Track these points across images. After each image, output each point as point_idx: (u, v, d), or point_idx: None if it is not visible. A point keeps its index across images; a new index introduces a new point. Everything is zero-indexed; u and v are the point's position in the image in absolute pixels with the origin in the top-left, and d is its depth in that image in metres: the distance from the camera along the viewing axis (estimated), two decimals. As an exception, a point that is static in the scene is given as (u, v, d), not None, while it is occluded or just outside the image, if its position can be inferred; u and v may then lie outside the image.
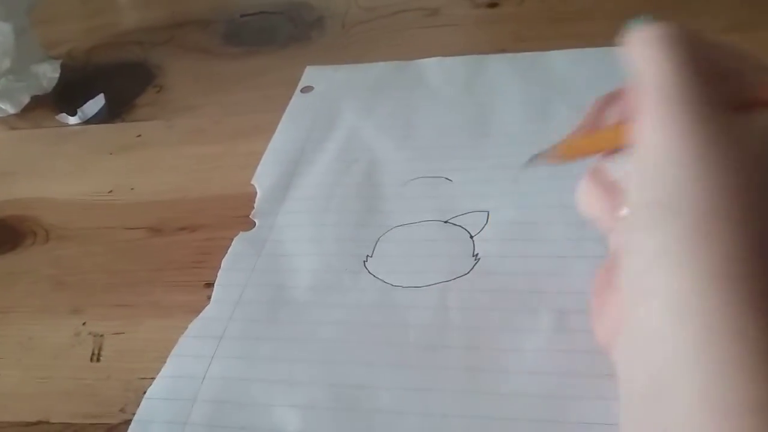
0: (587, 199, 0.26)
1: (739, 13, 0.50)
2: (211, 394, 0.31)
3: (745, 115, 0.20)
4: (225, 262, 0.37)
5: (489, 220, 0.37)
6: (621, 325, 0.21)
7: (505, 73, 0.47)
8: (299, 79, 0.52)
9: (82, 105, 0.53)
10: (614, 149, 0.24)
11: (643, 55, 0.22)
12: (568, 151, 0.26)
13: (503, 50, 0.50)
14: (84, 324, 0.36)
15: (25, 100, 0.53)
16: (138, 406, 0.31)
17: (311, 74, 0.52)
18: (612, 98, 0.25)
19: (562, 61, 0.48)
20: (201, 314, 0.35)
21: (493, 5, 0.57)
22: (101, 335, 0.35)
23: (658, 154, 0.20)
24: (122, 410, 0.31)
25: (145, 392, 0.32)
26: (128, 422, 0.30)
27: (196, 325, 0.34)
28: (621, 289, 0.21)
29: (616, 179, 0.24)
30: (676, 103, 0.20)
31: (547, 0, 0.56)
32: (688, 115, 0.20)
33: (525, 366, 0.30)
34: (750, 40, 0.47)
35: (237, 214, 0.41)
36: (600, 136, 0.25)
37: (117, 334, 0.35)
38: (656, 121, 0.21)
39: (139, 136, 0.50)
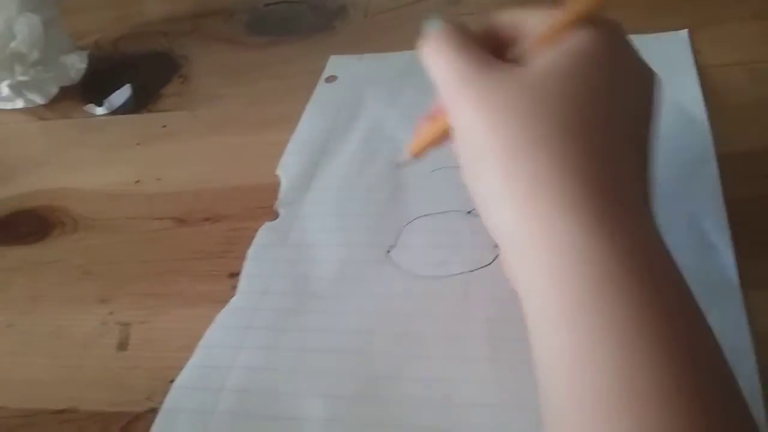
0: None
1: (761, 2, 0.49)
2: (238, 384, 0.31)
3: (524, 63, 0.26)
4: (250, 253, 0.38)
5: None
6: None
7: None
8: (323, 69, 0.52)
9: (109, 95, 0.54)
10: (444, 135, 0.30)
11: (427, 55, 0.28)
12: (416, 150, 0.32)
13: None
14: (111, 313, 0.37)
15: (54, 90, 0.54)
16: (163, 394, 0.32)
17: (335, 63, 0.52)
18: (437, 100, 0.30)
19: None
20: (228, 305, 0.35)
21: (516, -8, 0.57)
22: (128, 324, 0.36)
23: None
24: (148, 398, 0.32)
25: (172, 381, 0.32)
26: (154, 410, 0.31)
27: (223, 316, 0.35)
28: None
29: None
30: (452, 81, 0.27)
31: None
32: (458, 83, 0.27)
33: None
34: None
35: (262, 204, 0.41)
36: (429, 130, 0.31)
37: (143, 323, 0.36)
38: (445, 97, 0.27)
39: (165, 126, 0.50)
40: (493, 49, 0.28)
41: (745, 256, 0.32)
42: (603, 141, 0.24)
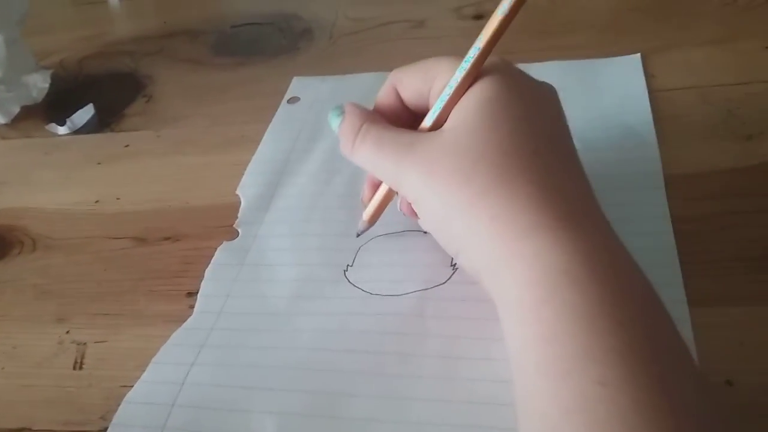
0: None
1: (713, 29, 0.51)
2: (189, 400, 0.31)
3: (436, 130, 0.31)
4: (208, 272, 0.38)
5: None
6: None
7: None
8: (287, 90, 0.52)
9: (71, 115, 0.54)
10: (390, 196, 0.35)
11: (350, 153, 0.33)
12: (372, 218, 0.36)
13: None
14: (68, 332, 0.37)
15: (16, 110, 0.54)
16: (118, 413, 0.32)
17: (298, 85, 0.53)
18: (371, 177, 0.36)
19: (546, 72, 0.48)
20: (184, 324, 0.35)
21: (478, 17, 0.58)
22: (84, 343, 0.36)
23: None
24: (102, 418, 0.32)
25: (125, 400, 0.32)
26: (107, 430, 0.31)
27: (178, 334, 0.35)
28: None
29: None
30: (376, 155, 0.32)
31: (533, 13, 0.57)
32: (383, 156, 0.32)
33: (498, 375, 0.30)
34: (729, 51, 0.48)
35: (221, 223, 0.41)
36: (378, 198, 0.35)
37: (99, 342, 0.36)
38: (386, 179, 0.34)
39: (127, 146, 0.50)
40: (398, 112, 0.34)
41: (690, 275, 0.33)
42: (536, 167, 0.28)
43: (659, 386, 0.22)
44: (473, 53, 0.30)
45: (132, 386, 0.33)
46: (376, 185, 0.36)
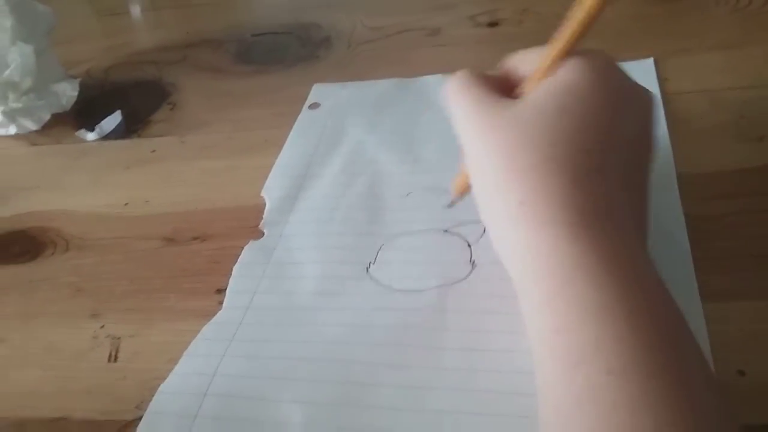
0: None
1: (724, 34, 0.52)
2: (220, 390, 0.33)
3: (520, 98, 0.30)
4: (236, 270, 0.39)
5: (486, 229, 0.39)
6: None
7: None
8: (307, 96, 0.54)
9: (100, 122, 0.56)
10: None
11: (446, 94, 0.33)
12: (459, 191, 0.37)
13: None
14: (102, 327, 0.38)
15: (46, 117, 0.56)
16: (153, 403, 0.33)
17: (318, 91, 0.54)
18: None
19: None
20: (213, 318, 0.37)
21: (493, 25, 0.60)
22: (118, 338, 0.37)
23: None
24: (138, 407, 0.33)
25: (159, 391, 0.33)
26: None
27: (208, 328, 0.36)
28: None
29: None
30: (465, 115, 0.32)
31: (546, 20, 0.59)
32: (472, 116, 0.31)
33: (517, 366, 0.31)
34: (740, 55, 0.49)
35: (247, 224, 0.43)
36: (466, 172, 0.34)
37: (132, 336, 0.37)
38: (457, 128, 0.32)
39: (154, 151, 0.52)
40: (505, 89, 0.32)
41: (703, 271, 0.34)
42: (578, 164, 0.28)
43: (665, 374, 0.23)
44: (562, 29, 0.29)
45: (164, 378, 0.34)
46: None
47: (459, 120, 0.32)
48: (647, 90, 0.31)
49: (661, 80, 0.48)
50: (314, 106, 0.53)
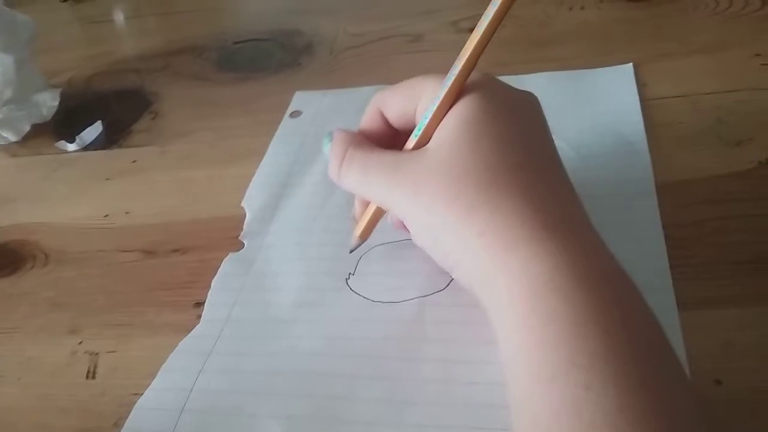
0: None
1: (704, 38, 0.52)
2: (197, 405, 0.33)
3: (422, 149, 0.31)
4: (215, 282, 0.39)
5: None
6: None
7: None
8: (289, 104, 0.54)
9: (80, 132, 0.55)
10: (380, 214, 0.36)
11: (338, 178, 0.34)
12: (363, 234, 0.37)
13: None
14: (80, 343, 0.38)
15: (26, 128, 0.56)
16: (130, 420, 0.33)
17: (300, 99, 0.54)
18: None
19: (539, 83, 0.49)
20: (192, 332, 0.36)
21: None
22: (96, 353, 0.37)
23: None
24: (115, 424, 0.33)
25: (137, 406, 0.33)
26: (121, 435, 0.32)
27: (186, 342, 0.36)
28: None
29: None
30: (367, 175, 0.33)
31: (526, 26, 0.59)
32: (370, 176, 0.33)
33: (493, 378, 0.31)
34: (719, 59, 0.49)
35: (227, 235, 0.43)
36: (367, 215, 0.36)
37: (111, 352, 0.37)
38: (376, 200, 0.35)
39: (135, 161, 0.52)
40: (384, 134, 0.35)
41: (678, 279, 0.34)
42: (519, 181, 0.29)
43: (643, 389, 0.23)
44: (454, 71, 0.31)
45: (142, 393, 0.34)
46: (367, 202, 0.37)
47: (376, 193, 0.33)
48: (531, 93, 0.33)
49: (640, 85, 0.48)
50: (296, 114, 0.53)
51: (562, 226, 0.28)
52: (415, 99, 0.33)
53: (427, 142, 0.31)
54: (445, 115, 0.31)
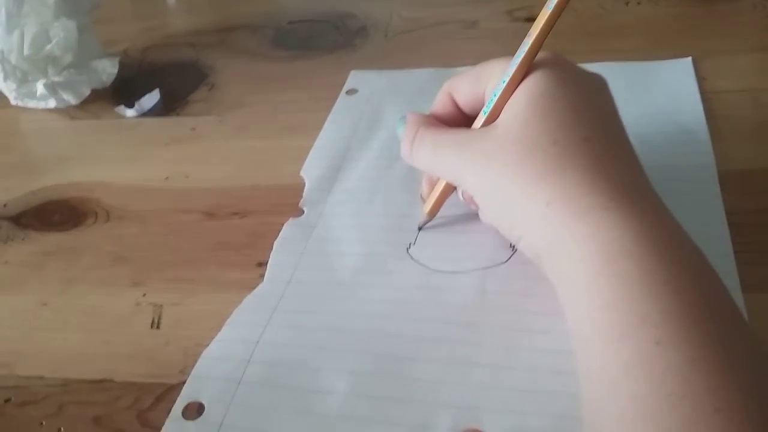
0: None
1: (761, 38, 0.53)
2: (264, 357, 0.33)
3: (492, 125, 0.32)
4: (276, 245, 0.40)
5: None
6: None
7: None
8: (344, 82, 0.54)
9: (138, 100, 0.56)
10: (448, 190, 0.37)
11: (410, 157, 0.36)
12: (432, 210, 0.38)
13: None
14: (144, 295, 0.39)
15: (86, 92, 0.57)
16: (197, 368, 0.33)
17: (356, 78, 0.55)
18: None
19: (600, 71, 0.49)
20: (255, 290, 0.37)
21: (530, 20, 0.60)
22: (160, 305, 0.38)
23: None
24: (181, 372, 0.34)
25: (203, 356, 0.34)
26: (187, 382, 0.33)
27: (251, 299, 0.37)
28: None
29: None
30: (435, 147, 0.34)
31: (582, 17, 0.59)
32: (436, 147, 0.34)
33: (558, 346, 0.32)
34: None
35: (286, 202, 0.43)
36: (436, 192, 0.38)
37: (175, 305, 0.38)
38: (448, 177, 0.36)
39: (193, 129, 0.53)
40: (455, 119, 0.36)
41: (742, 263, 0.34)
42: (586, 153, 0.29)
43: (713, 343, 0.23)
44: (523, 50, 0.31)
45: (207, 345, 0.34)
46: (434, 181, 0.38)
47: (448, 169, 0.34)
48: (598, 74, 0.34)
49: (699, 79, 0.48)
50: (352, 92, 0.53)
51: (629, 194, 0.28)
52: (484, 81, 0.34)
53: (496, 119, 0.32)
54: (513, 93, 0.32)
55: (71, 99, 0.56)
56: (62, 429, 0.32)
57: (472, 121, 0.35)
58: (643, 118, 0.44)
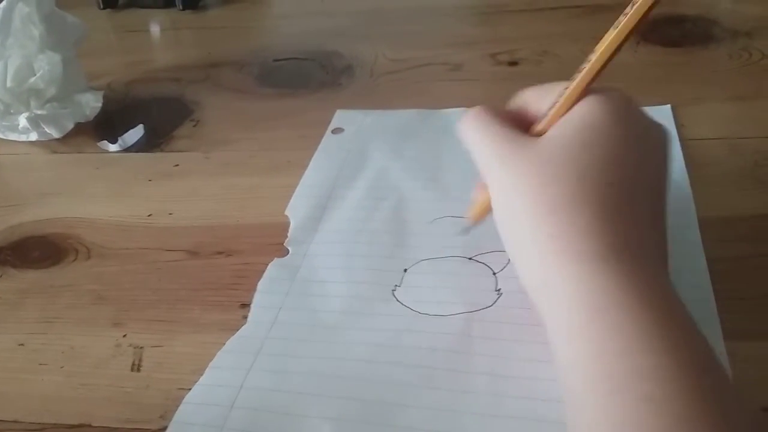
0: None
1: (737, 86, 0.54)
2: (248, 403, 0.33)
3: (542, 135, 0.32)
4: (261, 285, 0.40)
5: (510, 260, 0.39)
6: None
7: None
8: (330, 121, 0.55)
9: (121, 135, 0.56)
10: None
11: (463, 131, 0.35)
12: (477, 216, 0.37)
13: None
14: (124, 336, 0.38)
15: (69, 125, 0.56)
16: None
17: (341, 117, 0.55)
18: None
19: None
20: (239, 332, 0.37)
21: (513, 64, 0.61)
22: (141, 347, 0.37)
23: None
24: (162, 417, 0.33)
25: (184, 401, 0.33)
26: (167, 429, 0.32)
27: (234, 341, 0.36)
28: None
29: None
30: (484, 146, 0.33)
31: (564, 62, 0.60)
32: (491, 150, 0.33)
33: (545, 394, 0.32)
34: (754, 106, 0.50)
35: (271, 241, 0.43)
36: (483, 198, 0.36)
37: (156, 347, 0.37)
38: (479, 166, 0.34)
39: (177, 165, 0.52)
40: (521, 124, 0.34)
41: (723, 311, 0.34)
42: (605, 199, 0.29)
43: (704, 401, 0.23)
44: (582, 68, 0.31)
45: (189, 389, 0.34)
46: (485, 188, 0.36)
47: (481, 155, 0.33)
48: (662, 126, 0.33)
49: (678, 126, 0.49)
50: (338, 130, 0.54)
51: (633, 252, 0.28)
52: (552, 95, 0.33)
53: (545, 132, 0.32)
54: (569, 109, 0.31)
55: (54, 132, 0.56)
56: (37, 476, 0.31)
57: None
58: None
